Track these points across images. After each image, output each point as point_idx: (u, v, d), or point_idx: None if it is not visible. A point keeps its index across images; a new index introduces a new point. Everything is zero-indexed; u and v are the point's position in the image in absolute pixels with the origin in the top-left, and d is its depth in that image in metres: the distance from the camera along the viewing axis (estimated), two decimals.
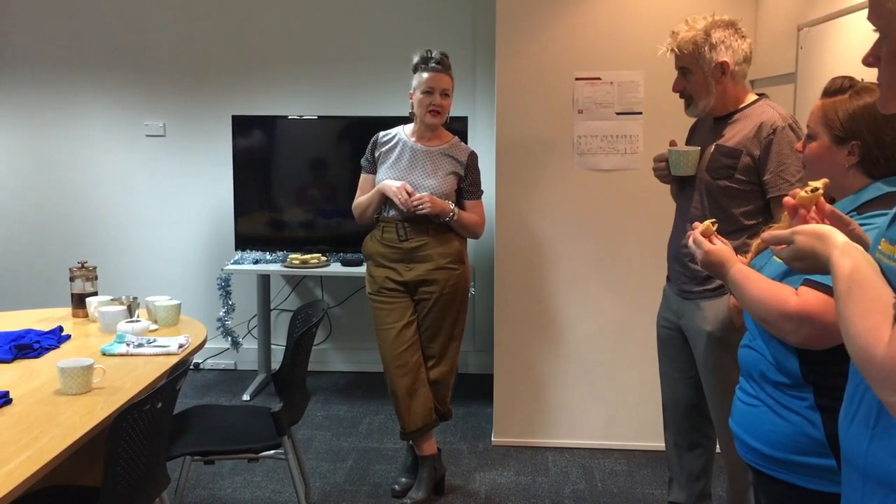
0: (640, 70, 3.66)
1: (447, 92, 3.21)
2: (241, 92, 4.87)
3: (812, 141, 1.73)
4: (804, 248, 1.29)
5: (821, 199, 1.46)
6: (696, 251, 1.79)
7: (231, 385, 4.78)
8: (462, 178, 3.28)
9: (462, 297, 3.33)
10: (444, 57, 3.23)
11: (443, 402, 3.37)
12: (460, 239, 3.31)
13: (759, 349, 1.70)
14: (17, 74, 4.99)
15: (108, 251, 4.99)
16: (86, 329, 3.06)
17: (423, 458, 3.37)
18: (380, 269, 3.27)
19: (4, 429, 2.07)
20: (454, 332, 3.33)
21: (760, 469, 1.72)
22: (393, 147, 3.30)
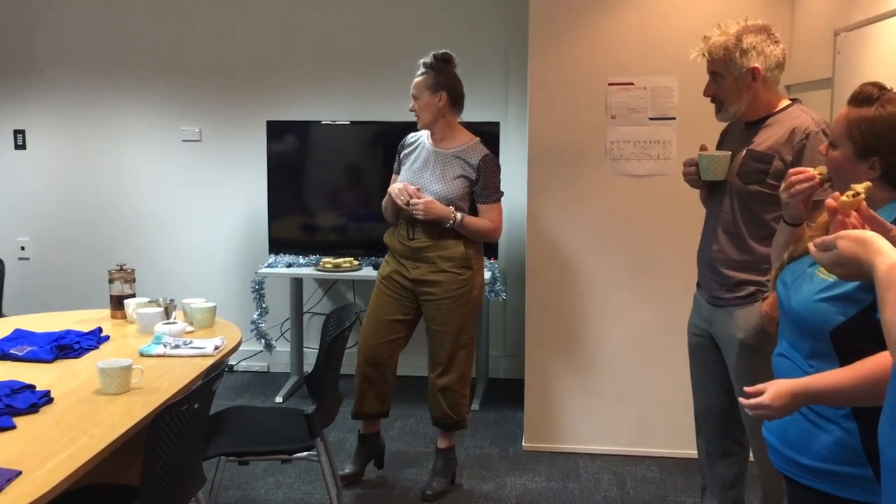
0: (674, 75, 3.65)
1: (414, 94, 3.27)
2: (276, 97, 4.93)
3: (834, 149, 1.71)
4: (847, 253, 1.28)
5: (863, 203, 1.44)
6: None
7: (264, 387, 4.84)
8: (473, 182, 3.27)
9: (471, 304, 3.32)
10: (429, 59, 3.28)
11: (455, 410, 3.38)
12: (470, 244, 3.30)
13: (793, 358, 1.69)
14: (57, 81, 5.10)
15: (146, 254, 5.07)
16: (124, 330, 3.12)
17: (439, 450, 3.47)
18: (392, 262, 3.37)
19: (46, 427, 2.12)
20: (462, 340, 3.33)
21: (794, 478, 1.70)
22: (414, 149, 3.37)
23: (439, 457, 3.48)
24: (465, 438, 4.08)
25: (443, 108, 3.25)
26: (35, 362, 2.67)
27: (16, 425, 2.11)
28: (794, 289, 1.67)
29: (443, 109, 3.26)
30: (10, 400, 2.23)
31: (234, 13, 4.93)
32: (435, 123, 3.28)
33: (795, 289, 1.67)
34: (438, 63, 3.26)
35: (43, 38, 5.08)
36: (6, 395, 2.25)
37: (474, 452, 3.92)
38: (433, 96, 3.23)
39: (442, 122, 3.29)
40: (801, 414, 1.66)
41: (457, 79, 3.31)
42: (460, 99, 3.32)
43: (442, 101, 3.25)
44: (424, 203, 3.17)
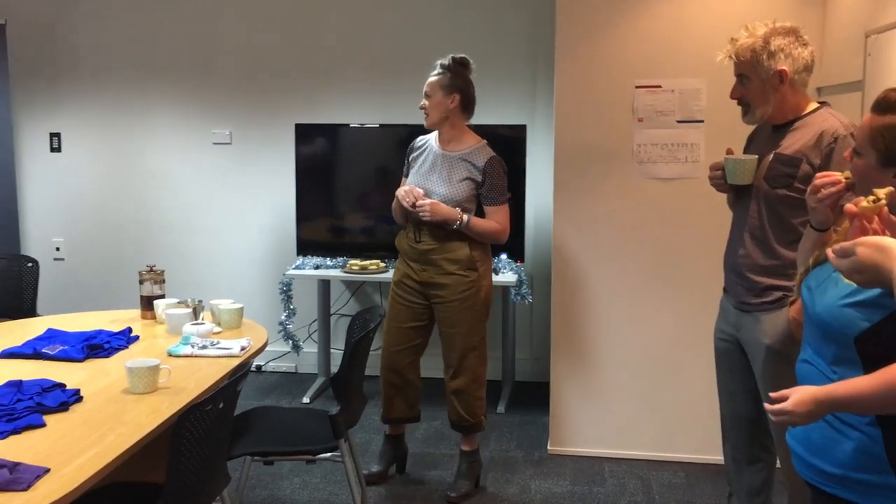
0: (703, 77, 3.62)
1: (427, 92, 3.29)
2: (305, 100, 4.98)
3: (859, 157, 1.69)
4: (865, 260, 1.27)
5: (884, 209, 1.42)
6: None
7: (291, 388, 4.87)
8: (480, 184, 3.28)
9: (478, 306, 3.33)
10: (447, 60, 3.30)
11: (471, 412, 3.39)
12: (476, 246, 3.31)
13: (817, 365, 1.67)
14: (92, 85, 5.19)
15: (177, 255, 5.14)
16: (153, 330, 3.17)
17: (462, 453, 3.49)
18: (402, 265, 3.41)
19: (75, 425, 2.16)
20: (471, 342, 3.34)
21: (818, 486, 1.69)
22: (422, 152, 3.40)
23: (463, 459, 3.49)
24: (489, 441, 4.08)
25: (453, 110, 3.28)
26: (66, 361, 2.72)
27: (46, 423, 2.15)
28: (819, 294, 1.65)
29: (453, 111, 3.28)
30: (41, 398, 2.27)
31: (264, 18, 4.98)
32: (442, 124, 3.31)
33: (820, 294, 1.65)
34: (456, 66, 3.29)
35: (78, 44, 5.17)
36: (37, 394, 2.29)
37: (499, 455, 3.92)
38: (446, 97, 3.26)
39: (449, 123, 3.31)
40: (824, 420, 1.64)
41: (471, 84, 3.34)
42: (472, 104, 3.35)
43: (454, 104, 3.27)
44: (430, 205, 3.20)
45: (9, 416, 2.14)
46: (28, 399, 2.25)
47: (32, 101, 5.24)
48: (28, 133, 5.27)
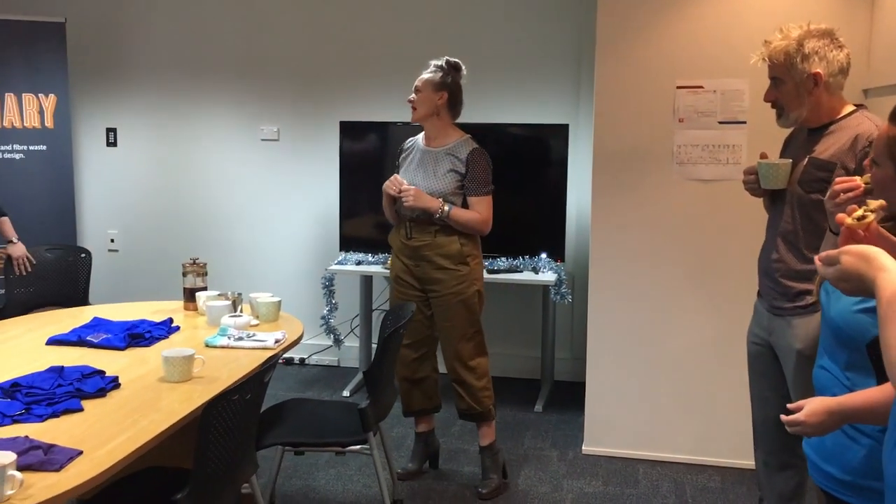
0: (745, 78, 3.57)
1: (418, 87, 3.37)
2: (350, 99, 5.05)
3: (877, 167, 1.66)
4: (849, 268, 1.27)
5: (872, 224, 1.42)
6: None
7: (332, 381, 4.96)
8: (463, 176, 3.34)
9: (471, 298, 3.38)
10: (444, 62, 3.39)
11: (477, 401, 3.45)
12: (465, 240, 3.36)
13: (831, 370, 1.66)
14: (147, 82, 5.35)
15: (223, 249, 5.28)
16: (194, 321, 3.26)
17: (482, 448, 3.52)
18: (397, 262, 3.48)
19: (111, 410, 2.25)
20: (467, 332, 3.39)
21: (832, 493, 1.68)
22: (410, 151, 3.48)
23: (485, 455, 3.52)
24: (524, 439, 4.10)
25: (440, 106, 3.36)
26: (109, 349, 2.82)
27: (83, 408, 2.25)
28: (834, 299, 1.64)
29: (439, 107, 3.36)
30: (81, 384, 2.37)
31: (312, 18, 5.07)
32: (428, 119, 3.39)
33: (835, 299, 1.64)
34: (449, 67, 3.39)
35: (133, 43, 5.33)
36: (77, 380, 2.39)
37: (533, 453, 3.93)
38: (435, 93, 3.35)
39: (435, 119, 3.38)
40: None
41: (460, 87, 3.43)
42: (458, 104, 3.43)
43: (441, 100, 3.36)
44: (413, 192, 3.28)
45: (49, 400, 2.24)
46: (68, 385, 2.35)
47: (90, 97, 5.42)
48: (86, 128, 5.46)
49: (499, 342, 5.03)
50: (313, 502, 3.39)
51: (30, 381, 2.35)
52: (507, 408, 4.55)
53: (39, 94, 4.95)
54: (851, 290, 1.32)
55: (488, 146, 4.56)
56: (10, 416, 2.13)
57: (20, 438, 1.95)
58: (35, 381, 2.35)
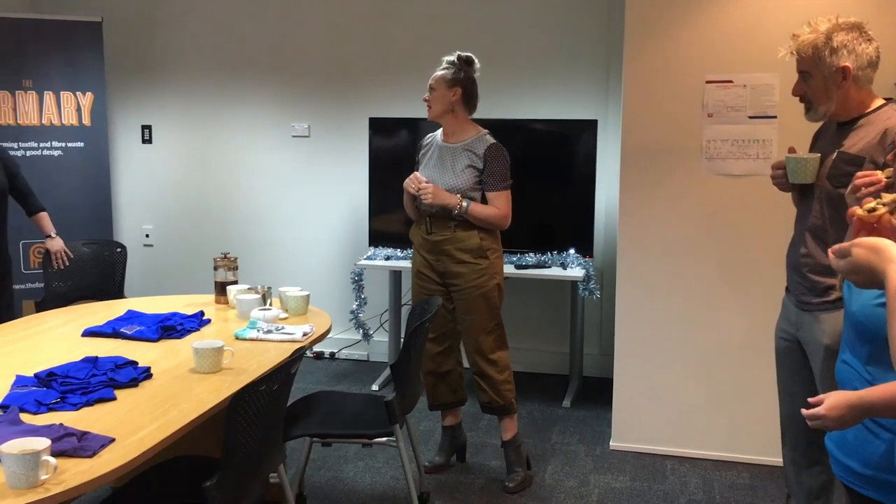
0: (776, 72, 3.54)
1: (431, 85, 3.39)
2: (379, 95, 5.09)
3: None
4: (860, 261, 1.27)
5: (885, 216, 1.41)
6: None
7: (362, 375, 5.00)
8: (480, 171, 3.35)
9: (492, 292, 3.39)
10: (455, 58, 3.40)
11: (499, 394, 3.45)
12: (485, 235, 3.37)
13: (853, 364, 1.65)
14: (181, 80, 5.43)
15: (255, 244, 5.35)
16: (225, 314, 3.32)
17: (504, 443, 3.54)
18: (418, 256, 3.51)
19: (143, 400, 2.31)
20: (488, 326, 3.40)
21: (854, 488, 1.67)
22: (429, 148, 3.49)
23: (508, 449, 3.54)
24: (552, 434, 4.11)
25: (454, 102, 3.37)
26: (142, 341, 2.89)
27: (116, 397, 2.30)
28: (856, 293, 1.63)
29: (454, 103, 3.37)
30: (114, 374, 2.43)
31: (343, 16, 5.11)
32: (444, 116, 3.40)
33: (857, 293, 1.63)
34: (461, 62, 3.40)
35: (169, 41, 5.42)
36: (110, 370, 2.46)
37: (560, 448, 3.94)
38: (448, 90, 3.36)
39: (451, 116, 3.39)
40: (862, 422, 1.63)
41: (474, 80, 3.43)
42: (473, 98, 3.43)
43: (455, 96, 3.36)
44: (431, 189, 3.30)
45: (83, 389, 2.30)
46: (102, 374, 2.41)
47: (126, 94, 5.52)
48: (122, 125, 5.56)
49: (527, 338, 5.05)
50: (341, 494, 3.43)
51: (65, 370, 2.42)
52: (535, 403, 4.56)
53: (77, 91, 5.05)
54: (863, 282, 1.32)
55: (517, 142, 4.59)
56: (46, 405, 2.19)
57: (55, 426, 2.01)
58: (70, 370, 2.42)
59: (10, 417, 2.08)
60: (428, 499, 3.36)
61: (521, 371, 5.01)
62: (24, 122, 4.95)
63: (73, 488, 1.75)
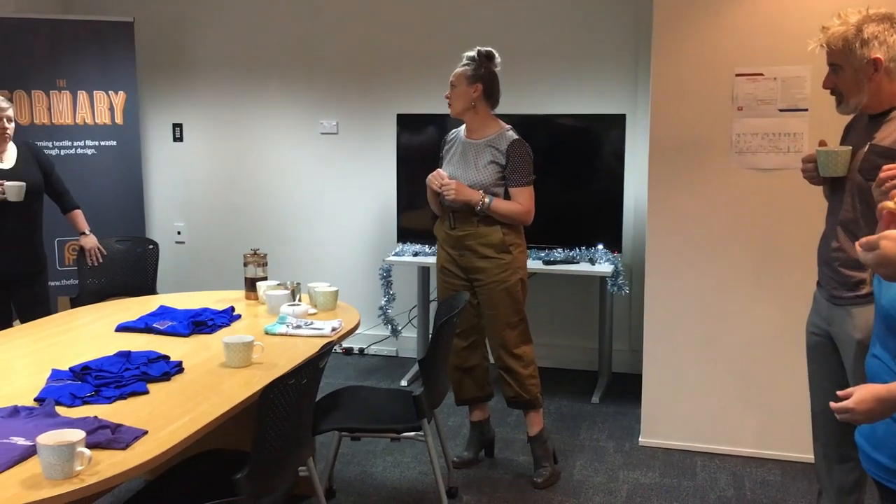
0: (807, 65, 3.50)
1: (452, 83, 3.38)
2: (407, 91, 5.11)
3: None
4: (889, 253, 1.26)
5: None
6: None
7: (390, 371, 5.03)
8: (503, 167, 3.34)
9: (515, 286, 3.39)
10: (475, 53, 3.38)
11: (524, 389, 3.45)
12: (508, 230, 3.37)
13: (883, 359, 1.64)
14: (211, 79, 5.49)
15: (284, 240, 5.40)
16: (255, 310, 3.36)
17: (531, 438, 3.54)
18: (441, 252, 3.52)
19: (175, 393, 2.35)
20: (511, 320, 3.39)
21: (883, 482, 1.65)
22: (453, 143, 3.49)
23: (535, 444, 3.54)
24: (581, 430, 4.10)
25: (476, 99, 3.36)
26: (173, 336, 2.94)
27: (149, 390, 2.34)
28: (886, 286, 1.62)
29: (475, 100, 3.36)
30: (147, 368, 2.47)
31: (368, 13, 5.13)
32: (465, 113, 3.39)
33: (886, 287, 1.61)
34: (481, 58, 3.38)
35: (198, 41, 5.48)
36: (143, 364, 2.50)
37: (589, 444, 3.93)
38: (469, 87, 3.35)
39: (472, 112, 3.39)
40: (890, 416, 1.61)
41: (495, 75, 3.41)
42: (495, 94, 3.42)
43: (476, 93, 3.35)
44: (454, 185, 3.30)
45: (116, 382, 2.34)
46: (135, 368, 2.46)
47: (157, 93, 5.59)
48: (153, 124, 5.63)
49: (556, 333, 5.04)
50: (370, 488, 3.46)
51: (99, 364, 2.47)
52: (564, 399, 4.55)
53: (110, 91, 5.13)
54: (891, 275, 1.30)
55: (545, 137, 4.59)
56: (81, 398, 2.24)
57: (89, 418, 2.05)
58: (104, 364, 2.47)
59: (46, 410, 2.12)
60: (456, 493, 3.37)
61: (549, 367, 5.02)
62: (59, 121, 5.04)
63: (107, 479, 1.79)
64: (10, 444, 1.89)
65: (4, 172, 3.83)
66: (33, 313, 3.77)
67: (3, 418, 2.07)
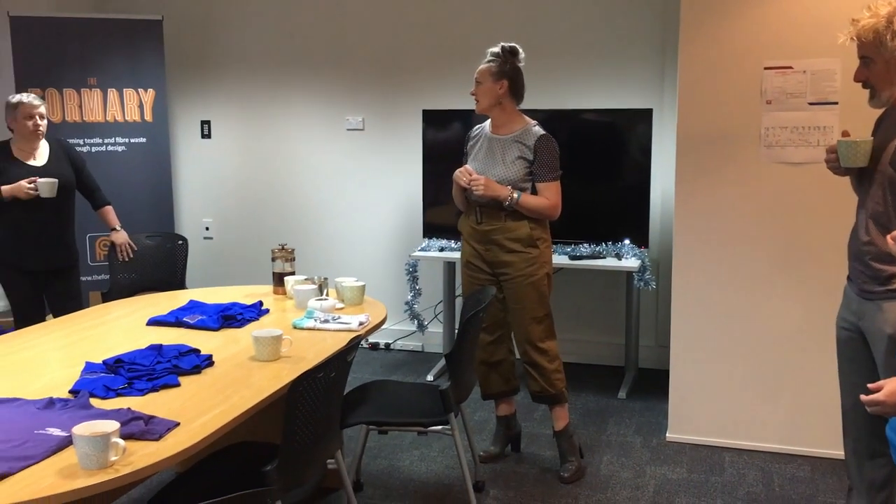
0: (837, 57, 3.47)
1: (478, 79, 3.37)
2: (432, 87, 5.12)
3: None
4: None
5: None
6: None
7: (417, 366, 5.05)
8: (531, 162, 3.34)
9: (541, 281, 3.39)
10: (499, 49, 3.38)
11: (550, 383, 3.45)
12: (535, 225, 3.37)
13: None
14: (238, 76, 5.54)
15: (311, 236, 5.44)
16: (283, 305, 3.39)
17: (556, 433, 3.55)
18: (467, 247, 3.52)
19: (206, 386, 2.38)
20: (537, 315, 3.40)
21: None
22: (478, 139, 3.49)
23: (561, 439, 3.54)
24: (607, 426, 4.10)
25: (501, 95, 3.36)
26: (203, 330, 2.98)
27: (180, 383, 2.38)
28: None
29: (501, 96, 3.37)
30: (178, 361, 2.51)
31: (393, 9, 5.15)
32: (492, 109, 3.40)
33: None
34: (506, 54, 3.38)
35: (225, 38, 5.53)
36: (174, 357, 2.53)
37: (616, 440, 3.93)
38: (495, 83, 3.35)
39: (499, 108, 3.39)
40: None
41: (519, 71, 3.41)
42: (520, 89, 3.42)
43: (503, 89, 3.36)
44: (483, 181, 3.30)
45: (149, 375, 2.38)
46: (166, 362, 2.49)
47: (186, 91, 5.65)
48: (182, 121, 5.69)
49: (582, 329, 5.03)
50: (397, 482, 3.48)
51: (132, 357, 2.50)
52: (591, 394, 4.55)
53: (139, 89, 5.19)
54: None
55: (572, 132, 4.58)
56: (114, 390, 2.27)
57: (123, 410, 2.08)
58: (136, 357, 2.50)
59: (80, 402, 2.16)
60: (483, 487, 3.39)
61: (576, 362, 5.01)
62: (90, 118, 5.11)
63: (140, 469, 1.82)
64: (46, 435, 1.93)
65: (37, 169, 3.89)
66: (66, 307, 3.84)
67: (39, 410, 2.11)
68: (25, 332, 2.99)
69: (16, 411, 2.10)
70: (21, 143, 3.91)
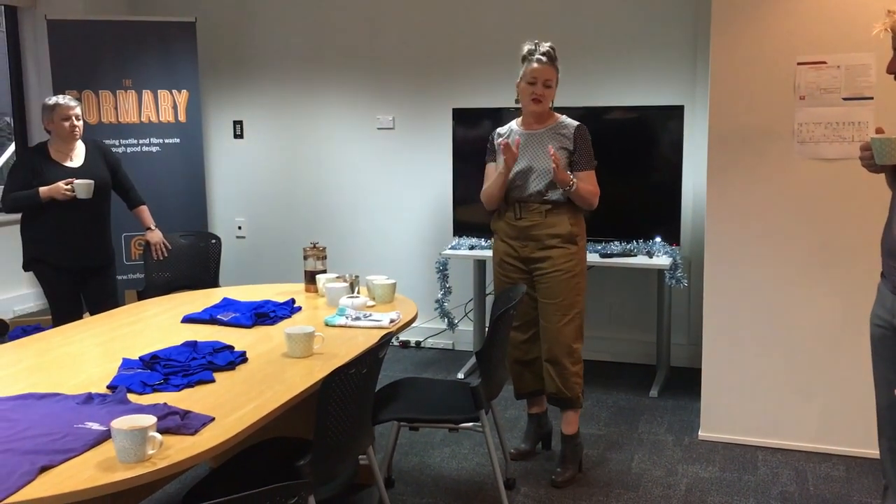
0: (873, 52, 3.42)
1: (549, 83, 3.34)
2: (462, 86, 5.13)
3: None
4: None
5: None
6: None
7: (447, 364, 5.07)
8: (572, 152, 3.34)
9: (577, 278, 3.38)
10: (550, 49, 3.35)
11: (567, 386, 3.39)
12: (574, 221, 3.37)
13: None
14: (270, 76, 5.60)
15: (342, 234, 5.48)
16: (315, 302, 3.42)
17: (564, 437, 3.51)
18: (501, 244, 3.49)
19: (240, 381, 2.41)
20: (569, 313, 3.37)
21: None
22: (508, 138, 3.45)
23: (567, 444, 3.50)
24: (639, 424, 4.08)
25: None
26: (237, 327, 3.01)
27: (215, 379, 2.41)
28: None
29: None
30: (213, 357, 2.54)
31: (423, 9, 5.17)
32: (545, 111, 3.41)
33: None
34: (554, 53, 3.40)
35: (257, 39, 5.59)
36: (209, 354, 2.57)
37: (647, 438, 3.91)
38: (556, 86, 3.40)
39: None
40: None
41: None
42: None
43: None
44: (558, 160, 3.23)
45: (184, 371, 2.42)
46: (201, 358, 2.53)
47: (219, 92, 5.72)
48: (215, 121, 5.76)
49: (613, 327, 5.02)
50: (428, 479, 3.50)
51: (167, 354, 2.55)
52: (622, 392, 4.53)
53: (173, 90, 5.26)
54: None
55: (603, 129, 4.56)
56: (151, 386, 2.32)
57: (159, 405, 2.12)
58: (172, 354, 2.55)
59: (118, 397, 2.20)
60: (514, 485, 3.39)
61: (607, 360, 5.00)
62: (125, 119, 5.19)
63: (177, 463, 1.85)
64: (85, 429, 1.97)
65: (74, 171, 3.96)
66: (102, 305, 3.91)
67: (79, 405, 2.15)
68: (64, 330, 3.06)
69: (56, 406, 2.15)
70: (58, 145, 3.99)
